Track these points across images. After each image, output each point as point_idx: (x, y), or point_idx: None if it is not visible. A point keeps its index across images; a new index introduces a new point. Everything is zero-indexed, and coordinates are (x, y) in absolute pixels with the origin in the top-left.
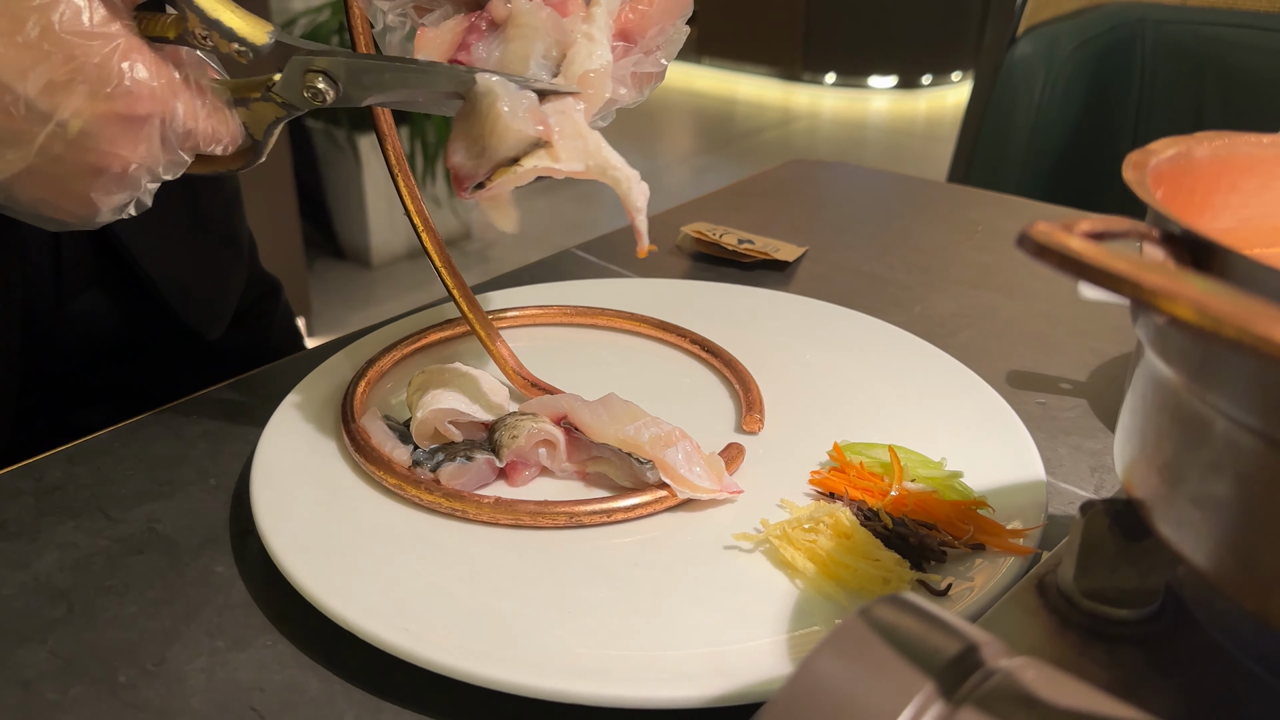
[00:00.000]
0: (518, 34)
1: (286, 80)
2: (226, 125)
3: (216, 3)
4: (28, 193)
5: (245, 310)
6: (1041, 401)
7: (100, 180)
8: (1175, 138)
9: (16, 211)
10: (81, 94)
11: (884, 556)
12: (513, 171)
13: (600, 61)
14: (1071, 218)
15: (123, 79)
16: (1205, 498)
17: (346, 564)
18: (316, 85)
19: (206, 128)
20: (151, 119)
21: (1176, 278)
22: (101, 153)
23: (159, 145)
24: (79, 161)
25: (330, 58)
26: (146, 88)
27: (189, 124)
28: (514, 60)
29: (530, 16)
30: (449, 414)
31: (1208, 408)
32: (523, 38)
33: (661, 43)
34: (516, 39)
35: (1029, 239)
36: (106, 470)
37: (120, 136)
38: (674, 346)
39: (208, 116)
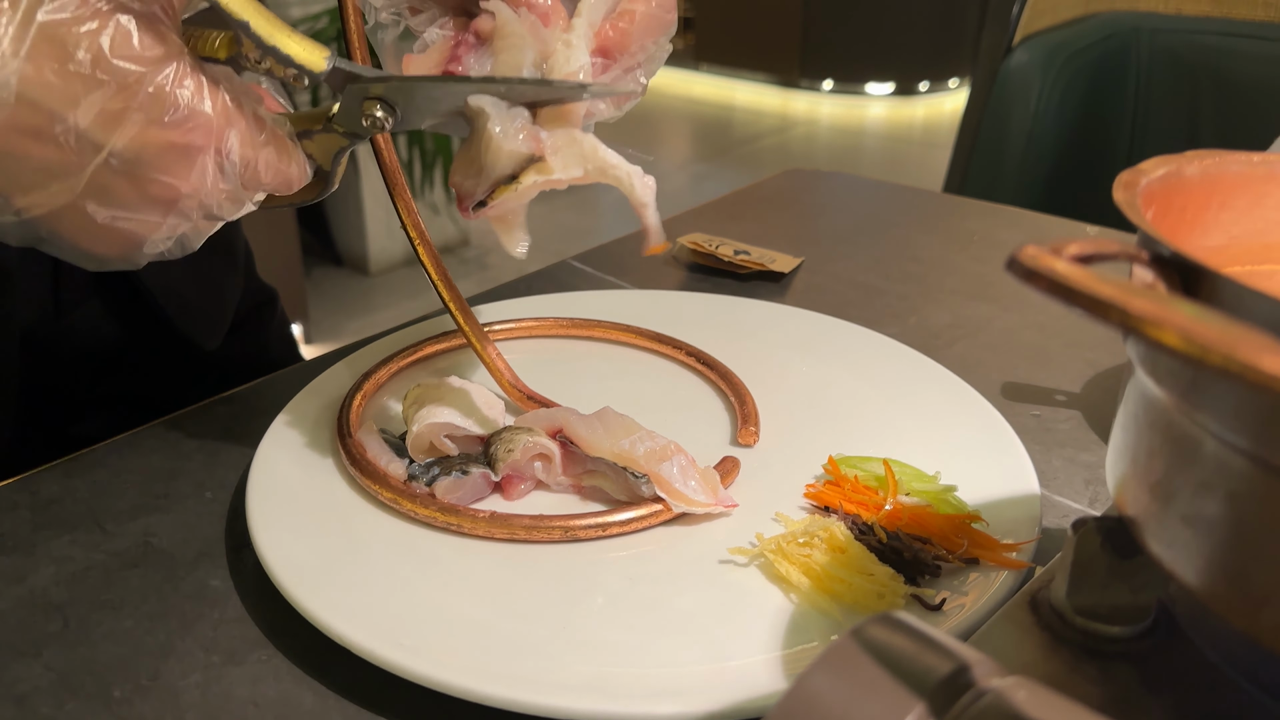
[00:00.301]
0: (506, 45)
1: (345, 110)
2: (293, 162)
3: (274, 28)
4: (70, 226)
5: (242, 320)
6: (1036, 413)
7: (148, 212)
8: (1166, 156)
9: (58, 248)
10: (136, 122)
11: (878, 571)
12: (513, 189)
13: (578, 63)
14: (1068, 230)
15: (178, 105)
16: (1196, 517)
17: (342, 579)
18: (375, 114)
19: (267, 157)
20: (207, 146)
21: (1163, 304)
22: (151, 181)
23: (213, 174)
24: (127, 192)
25: (386, 83)
26: (202, 114)
27: (246, 154)
28: (506, 72)
29: (516, 25)
30: (444, 428)
31: (1198, 428)
32: (512, 48)
33: (642, 60)
34: (505, 50)
35: (1017, 263)
36: (102, 484)
37: (174, 165)
38: (670, 359)
39: (268, 144)
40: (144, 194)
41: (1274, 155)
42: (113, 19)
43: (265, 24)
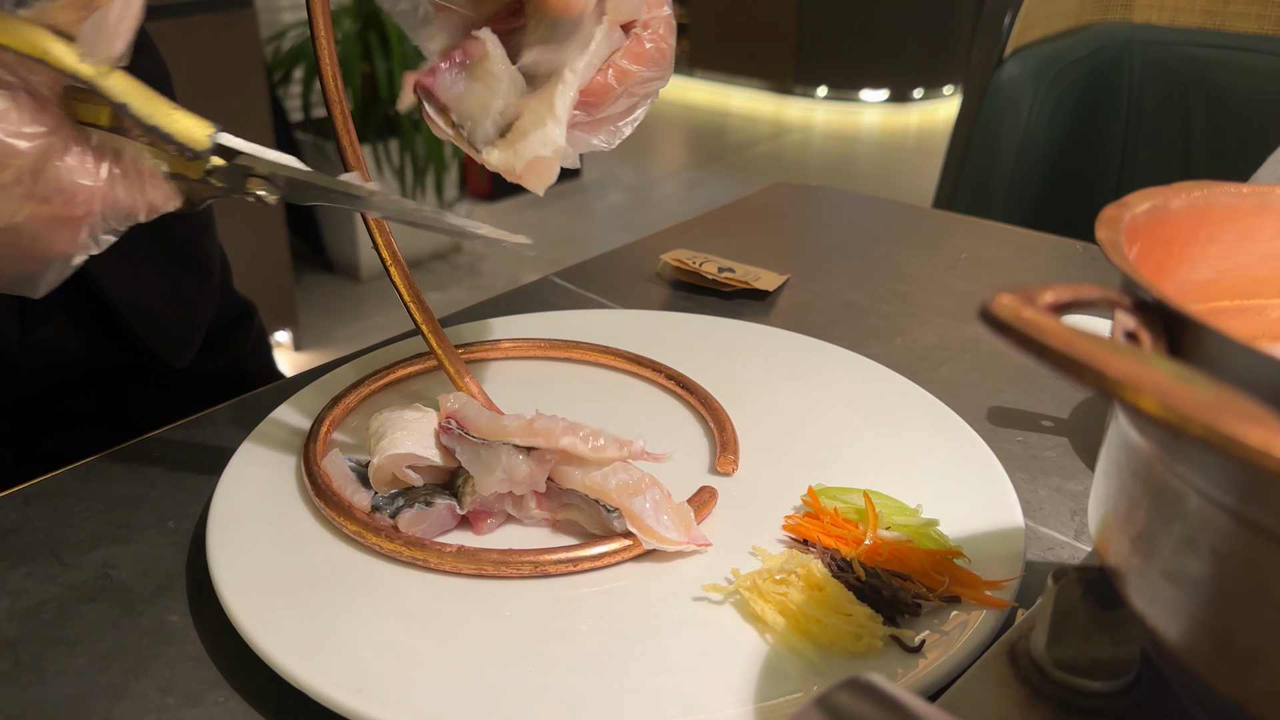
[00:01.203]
0: (483, 79)
1: (229, 179)
2: (166, 198)
3: (153, 107)
4: None
5: (217, 335)
6: (1021, 440)
7: (40, 266)
8: (1151, 189)
9: None
10: (15, 196)
11: (856, 611)
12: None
13: (551, 147)
14: (1057, 247)
15: (59, 181)
16: (1179, 573)
17: (302, 617)
18: (258, 191)
19: (146, 203)
20: (90, 216)
21: (1141, 365)
22: (40, 249)
23: (99, 234)
24: (18, 255)
25: (273, 167)
26: (83, 188)
27: (129, 207)
28: (473, 105)
29: (499, 66)
30: (406, 458)
31: (1180, 481)
32: (487, 86)
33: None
34: (480, 82)
35: (990, 315)
36: (63, 512)
37: (57, 234)
38: (649, 382)
39: (146, 193)
40: (26, 254)
41: (1264, 186)
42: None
43: (144, 103)
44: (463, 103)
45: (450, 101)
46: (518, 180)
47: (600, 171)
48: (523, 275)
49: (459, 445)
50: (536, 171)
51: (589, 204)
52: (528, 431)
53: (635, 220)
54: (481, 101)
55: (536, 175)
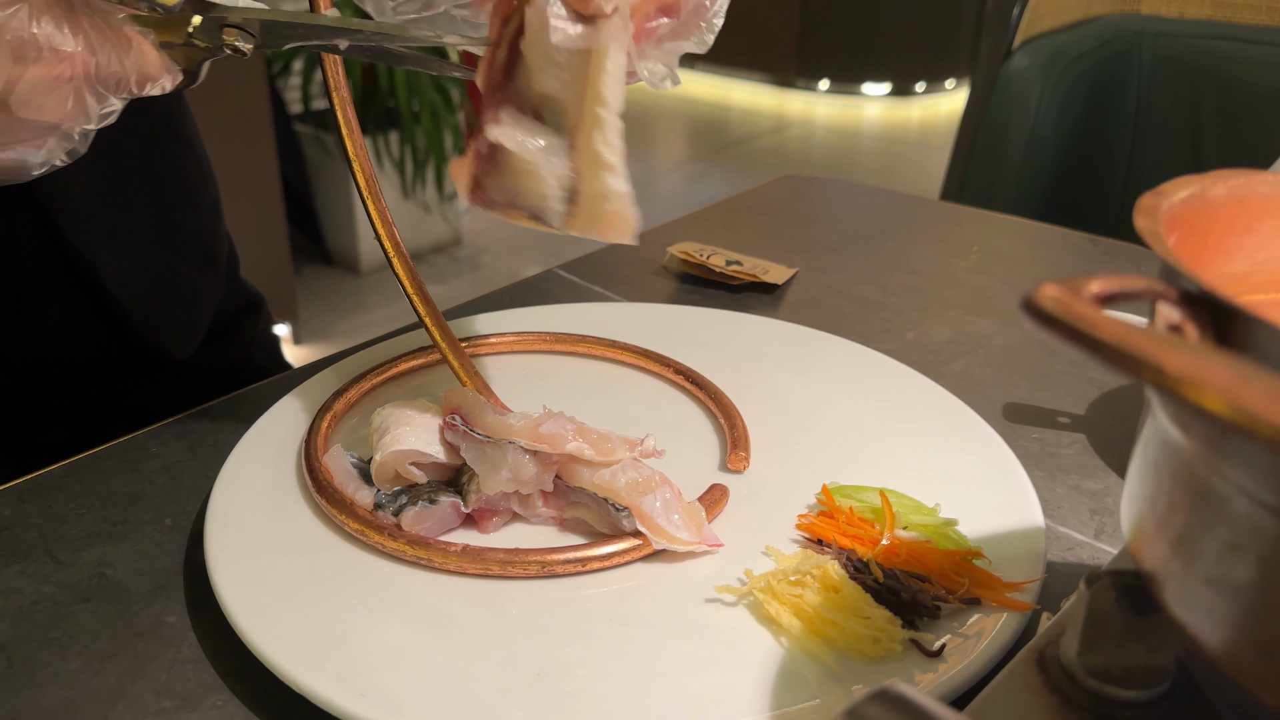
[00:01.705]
0: (521, 169)
1: (204, 31)
2: (159, 66)
3: None
4: None
5: (222, 327)
6: (1038, 436)
7: (26, 139)
8: (1189, 177)
9: None
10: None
11: (874, 614)
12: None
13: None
14: (1070, 241)
15: (38, 43)
16: (1222, 580)
17: (302, 618)
18: (234, 42)
19: (138, 72)
20: (75, 78)
21: (1203, 361)
22: (28, 116)
23: (89, 100)
24: (7, 127)
25: (243, 14)
26: (65, 48)
27: (116, 71)
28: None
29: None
30: (410, 455)
31: (1227, 483)
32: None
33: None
34: (521, 174)
35: (1035, 307)
36: (58, 508)
37: (43, 99)
38: (658, 376)
39: (137, 61)
40: (20, 124)
41: None
42: None
43: None
44: (520, 199)
45: (507, 202)
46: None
47: None
48: (524, 268)
49: (464, 442)
50: (615, 227)
51: None
52: (534, 434)
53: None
54: (535, 189)
55: (616, 230)
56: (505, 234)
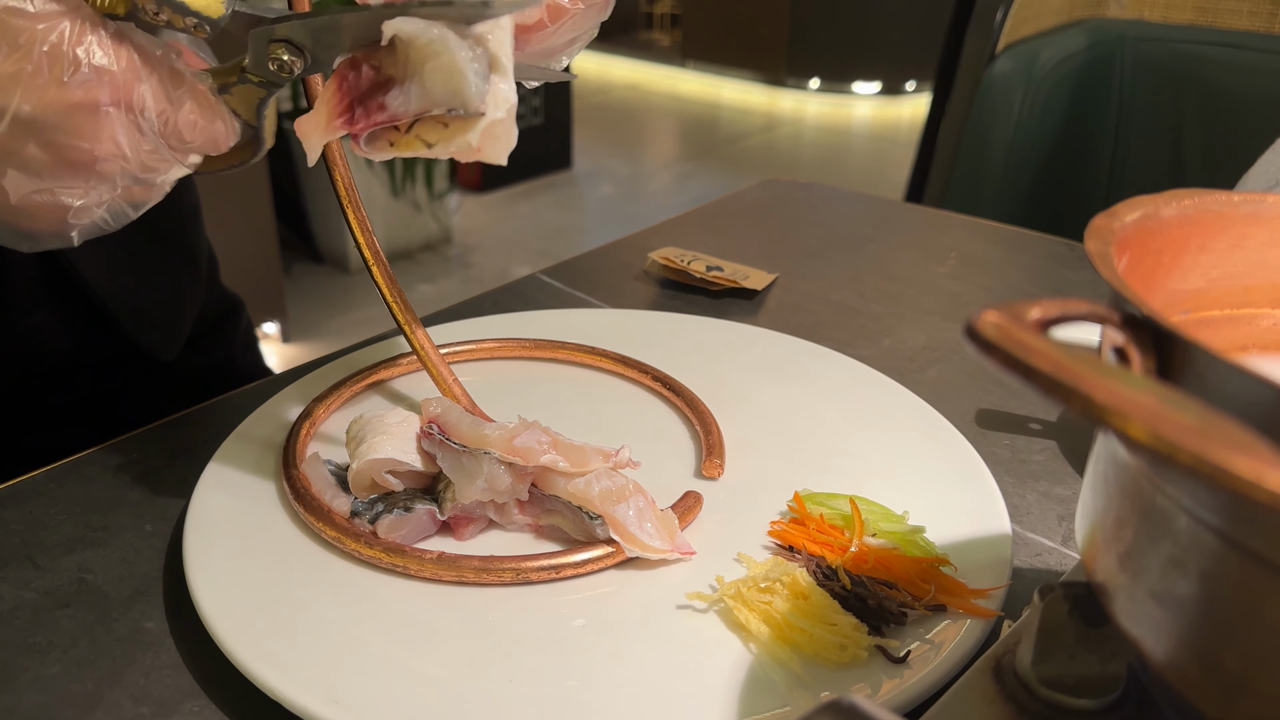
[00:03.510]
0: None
1: (254, 56)
2: (216, 117)
3: None
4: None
5: (204, 330)
6: (1009, 443)
7: (66, 179)
8: (1142, 198)
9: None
10: (35, 85)
11: (841, 621)
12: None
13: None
14: (1047, 246)
15: (78, 63)
16: (1166, 594)
17: (278, 625)
18: (281, 57)
19: (192, 119)
20: (116, 105)
21: (1129, 389)
22: (63, 145)
23: (129, 133)
24: (39, 158)
25: (288, 24)
26: (105, 72)
27: (163, 109)
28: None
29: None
30: (386, 464)
31: (1169, 501)
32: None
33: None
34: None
35: (976, 334)
36: (38, 514)
37: (82, 125)
38: (635, 383)
39: (192, 107)
40: (58, 159)
41: (1256, 195)
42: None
43: None
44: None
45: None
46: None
47: (592, 163)
48: (514, 267)
49: (440, 451)
50: (494, 136)
51: (580, 195)
52: (509, 446)
53: (627, 212)
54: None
55: (495, 141)
56: (495, 232)
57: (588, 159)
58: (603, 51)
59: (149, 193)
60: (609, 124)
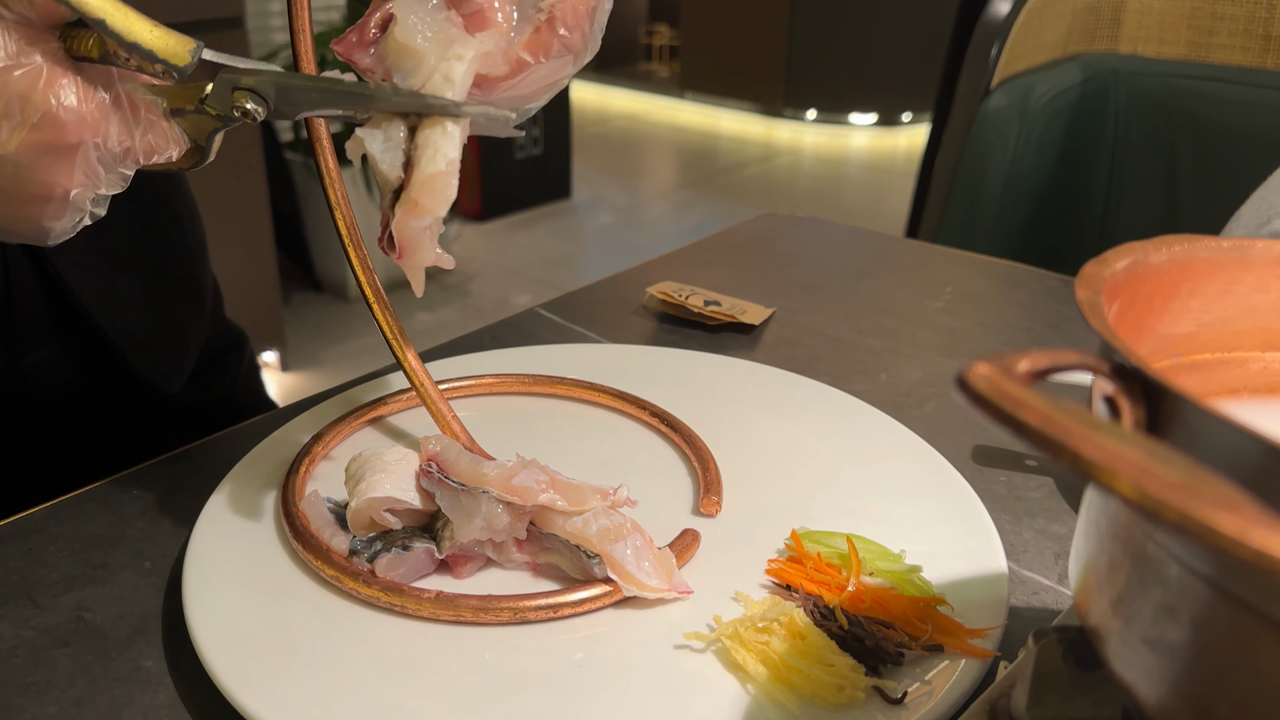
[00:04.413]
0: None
1: (218, 98)
2: (167, 138)
3: (132, 23)
4: None
5: (208, 364)
6: (1005, 479)
7: (42, 206)
8: (1131, 244)
9: None
10: (7, 127)
11: (838, 661)
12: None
13: (442, 164)
14: (1043, 282)
15: (50, 109)
16: (1158, 640)
17: (278, 665)
18: (245, 105)
19: (145, 143)
20: (84, 145)
21: (1117, 445)
22: (38, 182)
23: (96, 169)
24: (17, 191)
25: (257, 77)
26: (75, 114)
27: (125, 142)
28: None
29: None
30: (385, 502)
31: (1159, 549)
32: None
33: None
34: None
35: (968, 386)
36: (38, 551)
37: (54, 165)
38: (633, 419)
39: (145, 132)
40: (26, 192)
41: (1245, 240)
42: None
43: (122, 19)
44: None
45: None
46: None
47: (590, 192)
48: (513, 295)
49: (439, 490)
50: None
51: (579, 225)
52: (507, 485)
53: (625, 241)
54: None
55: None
56: (494, 261)
57: (587, 188)
58: (602, 82)
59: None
60: (608, 154)
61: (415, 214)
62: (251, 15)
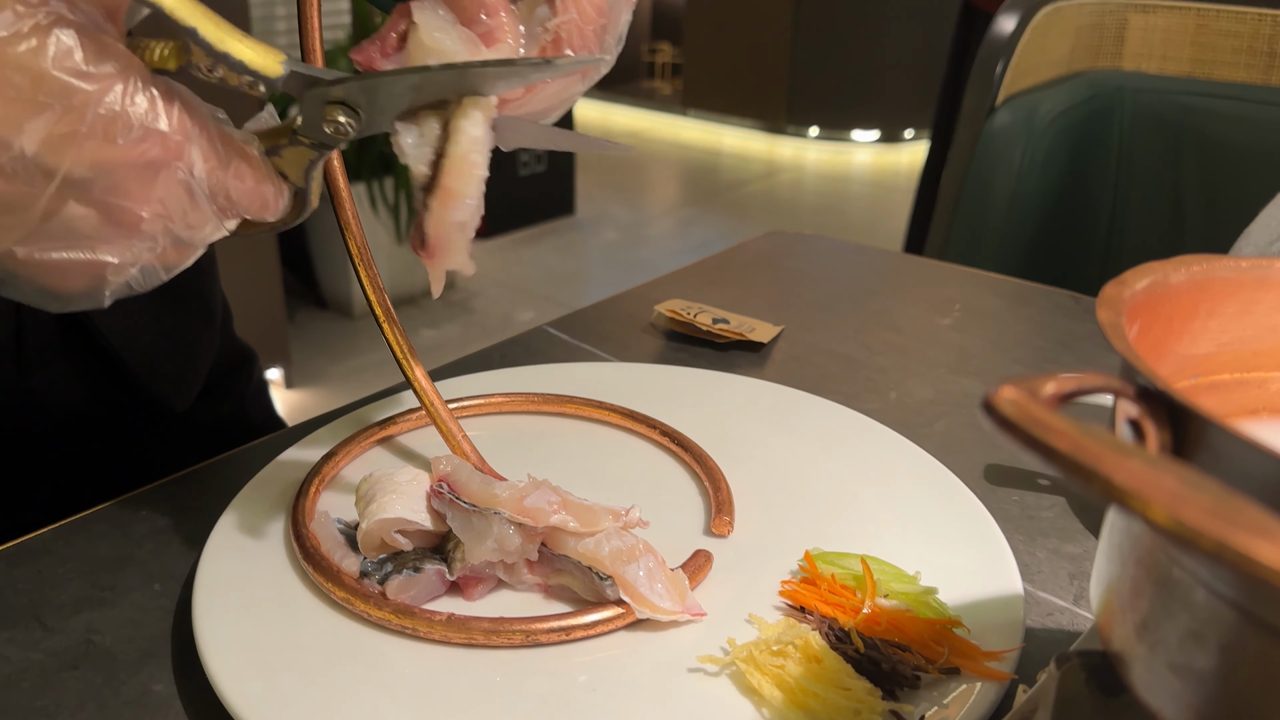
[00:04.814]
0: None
1: (308, 118)
2: (267, 180)
3: (223, 32)
4: (29, 262)
5: (217, 382)
6: (1018, 499)
7: (111, 238)
8: (1150, 264)
9: (17, 289)
10: (88, 145)
11: (855, 685)
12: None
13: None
14: (1051, 299)
15: (131, 123)
16: (1185, 667)
17: (289, 687)
18: (337, 119)
19: (241, 182)
20: (166, 164)
21: (1150, 471)
22: (111, 206)
23: (180, 196)
24: (86, 219)
25: (345, 85)
26: (157, 131)
27: (212, 170)
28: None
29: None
30: (395, 523)
31: (1186, 574)
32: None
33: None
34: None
35: (994, 410)
36: (47, 573)
37: (133, 186)
38: (643, 438)
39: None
40: (105, 219)
41: (1264, 260)
42: (52, 35)
43: (214, 28)
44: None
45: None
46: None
47: (594, 209)
48: (516, 312)
49: (450, 511)
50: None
51: (583, 241)
52: (519, 505)
53: (629, 258)
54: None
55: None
56: (498, 278)
57: (590, 205)
58: (605, 100)
59: (184, 254)
60: (611, 171)
61: (448, 202)
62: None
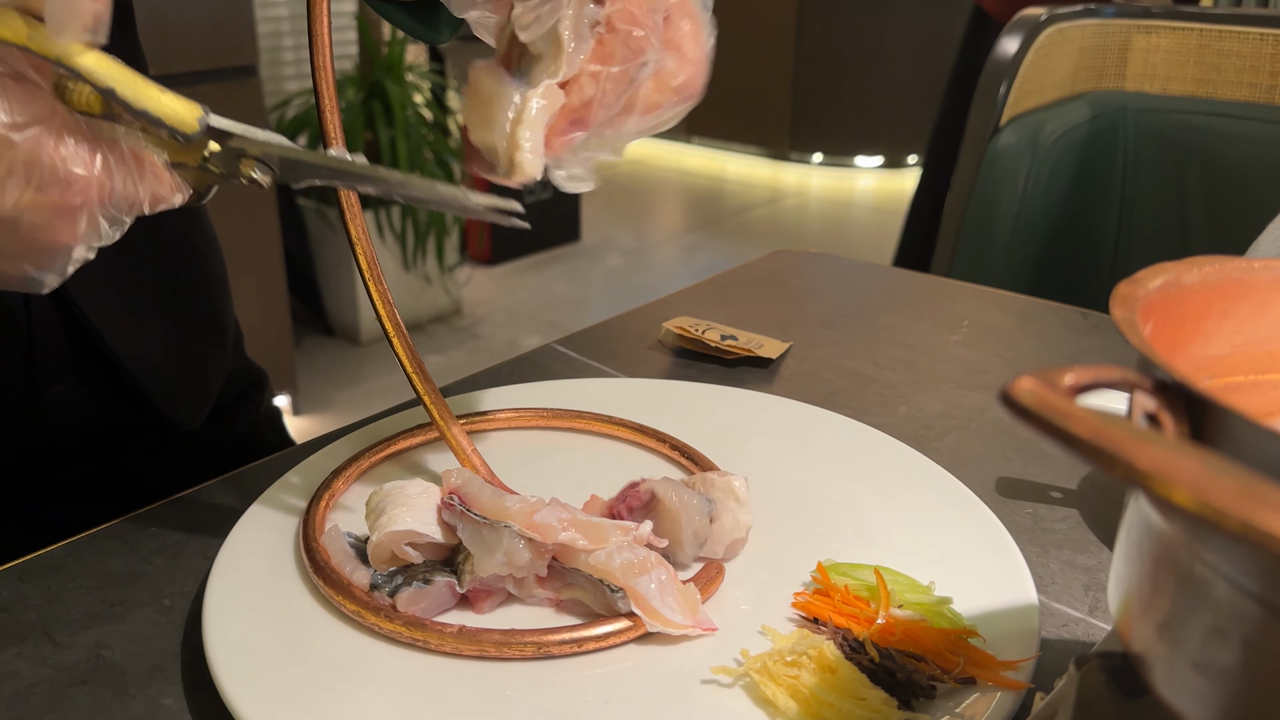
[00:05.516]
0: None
1: (225, 164)
2: (171, 189)
3: (140, 91)
4: None
5: (228, 402)
6: (1031, 511)
7: (40, 259)
8: (1164, 264)
9: None
10: (12, 189)
11: (870, 695)
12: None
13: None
14: (1059, 314)
15: (55, 170)
16: (1208, 664)
17: (299, 701)
18: (252, 174)
19: (148, 194)
20: (89, 204)
21: (1173, 455)
22: (39, 240)
23: (100, 224)
24: (16, 249)
25: (264, 148)
26: (79, 177)
27: (130, 197)
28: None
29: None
30: (406, 536)
31: (1208, 569)
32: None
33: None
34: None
35: (1013, 400)
36: (56, 589)
37: (55, 224)
38: (654, 452)
39: (150, 184)
40: (28, 248)
41: (1276, 262)
42: None
43: (132, 87)
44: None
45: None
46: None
47: (599, 235)
48: (522, 338)
49: (461, 523)
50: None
51: (588, 267)
52: (529, 520)
53: (634, 283)
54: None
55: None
56: (504, 304)
57: (595, 232)
58: None
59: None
60: (616, 198)
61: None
62: (265, 65)
